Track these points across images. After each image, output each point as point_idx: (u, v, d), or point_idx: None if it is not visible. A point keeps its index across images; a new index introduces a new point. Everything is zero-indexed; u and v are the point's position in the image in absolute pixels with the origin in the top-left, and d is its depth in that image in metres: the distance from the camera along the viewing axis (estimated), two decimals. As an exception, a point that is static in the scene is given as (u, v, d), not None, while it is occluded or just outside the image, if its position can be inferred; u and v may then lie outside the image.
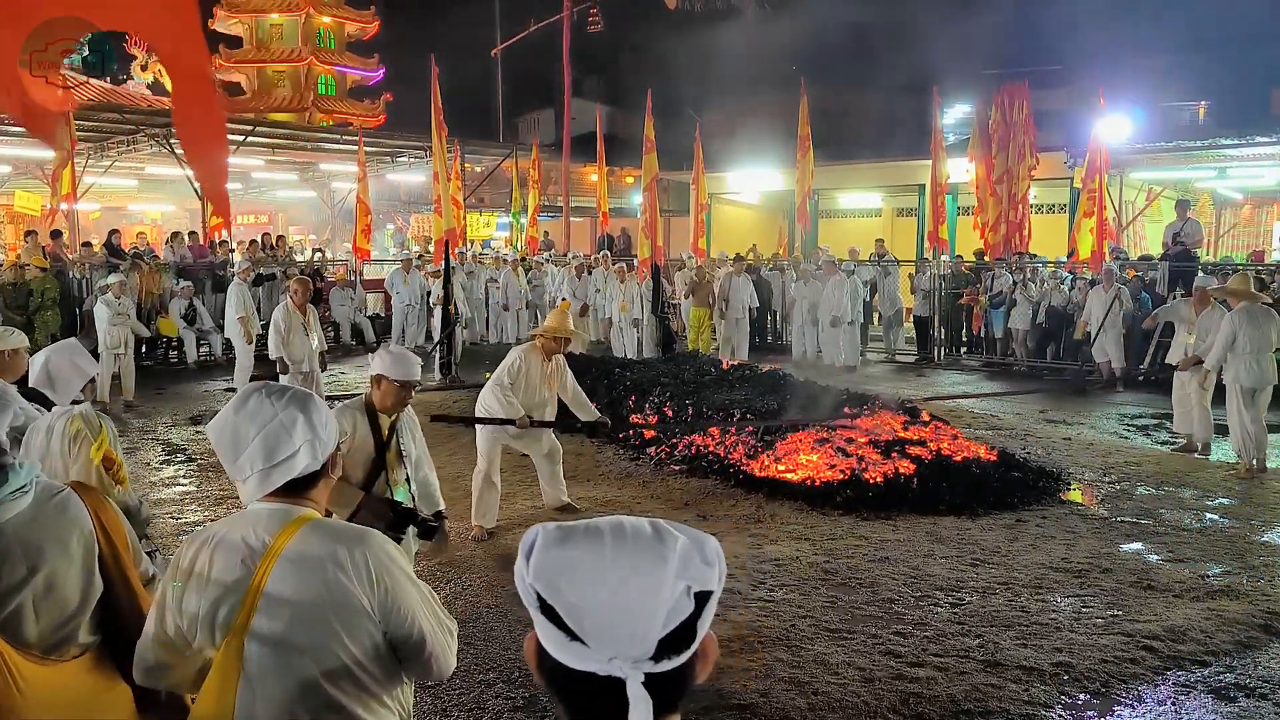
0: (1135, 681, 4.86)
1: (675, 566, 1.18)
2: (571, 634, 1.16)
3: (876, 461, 8.31)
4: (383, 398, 4.47)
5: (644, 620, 1.16)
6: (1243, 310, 9.05)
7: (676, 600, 1.17)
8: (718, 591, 1.21)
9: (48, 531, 2.51)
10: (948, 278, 17.38)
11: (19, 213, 24.65)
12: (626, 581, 1.17)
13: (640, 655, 1.16)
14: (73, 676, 2.52)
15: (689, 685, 1.23)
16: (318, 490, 2.32)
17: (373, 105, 38.17)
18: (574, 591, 1.17)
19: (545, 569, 1.19)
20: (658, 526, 1.23)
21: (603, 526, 1.23)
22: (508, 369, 7.17)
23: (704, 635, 1.22)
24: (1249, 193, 23.71)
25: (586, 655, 1.16)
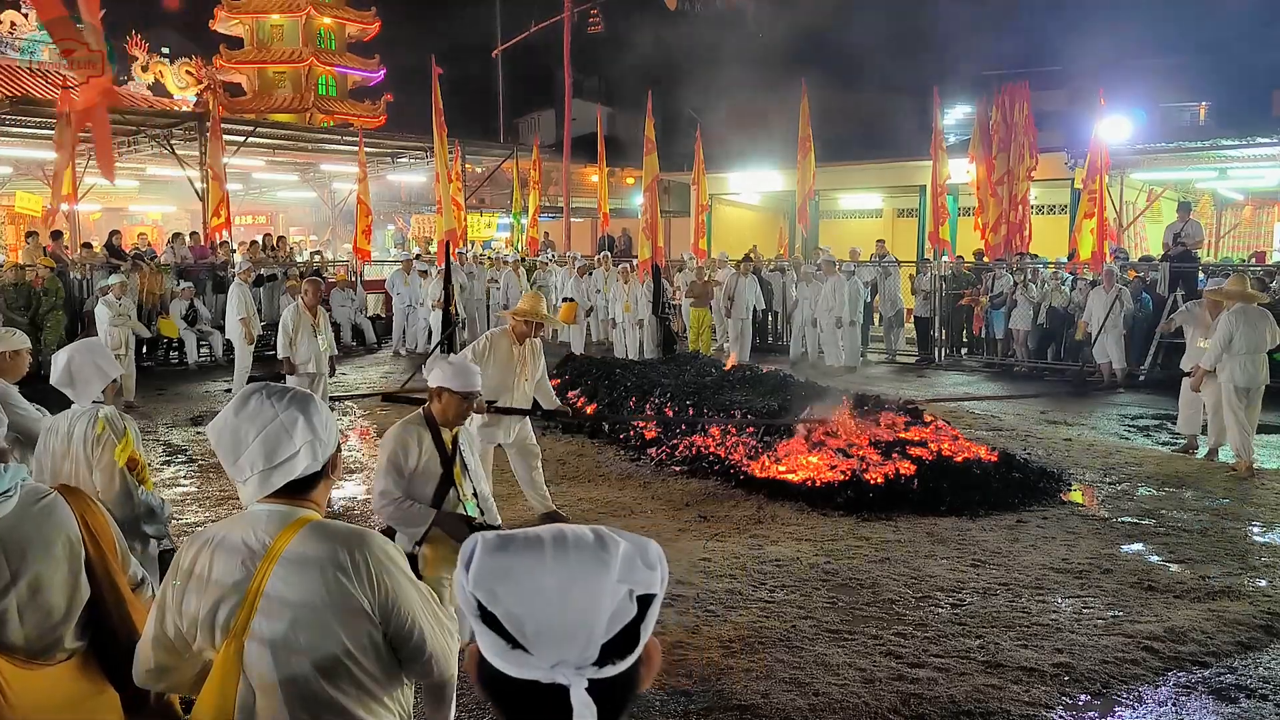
0: (1136, 682, 4.85)
1: (617, 570, 1.17)
2: (513, 641, 1.15)
3: (877, 462, 8.31)
4: (444, 410, 4.33)
5: (586, 624, 1.15)
6: (1239, 310, 9.10)
7: (619, 604, 1.16)
8: (660, 594, 1.21)
9: (32, 535, 2.49)
10: (948, 278, 17.38)
11: (20, 213, 24.66)
12: (567, 585, 1.16)
13: (583, 661, 1.15)
14: (59, 681, 2.50)
15: (633, 692, 1.21)
16: (318, 491, 2.32)
17: (373, 106, 38.15)
18: (514, 598, 1.16)
19: (485, 576, 1.18)
20: (599, 532, 1.22)
21: (543, 534, 1.22)
22: (472, 348, 7.10)
23: (647, 640, 1.21)
24: (1250, 193, 23.72)
25: (528, 663, 1.15)
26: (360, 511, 8.03)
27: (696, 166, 21.79)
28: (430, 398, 4.38)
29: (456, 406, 4.32)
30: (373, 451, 10.28)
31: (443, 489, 4.28)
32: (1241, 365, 9.06)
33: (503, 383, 7.10)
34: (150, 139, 20.99)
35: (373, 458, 9.97)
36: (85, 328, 15.11)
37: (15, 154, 22.36)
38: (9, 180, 24.37)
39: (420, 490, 4.25)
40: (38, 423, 4.93)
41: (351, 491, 8.68)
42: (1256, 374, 9.09)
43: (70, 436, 4.04)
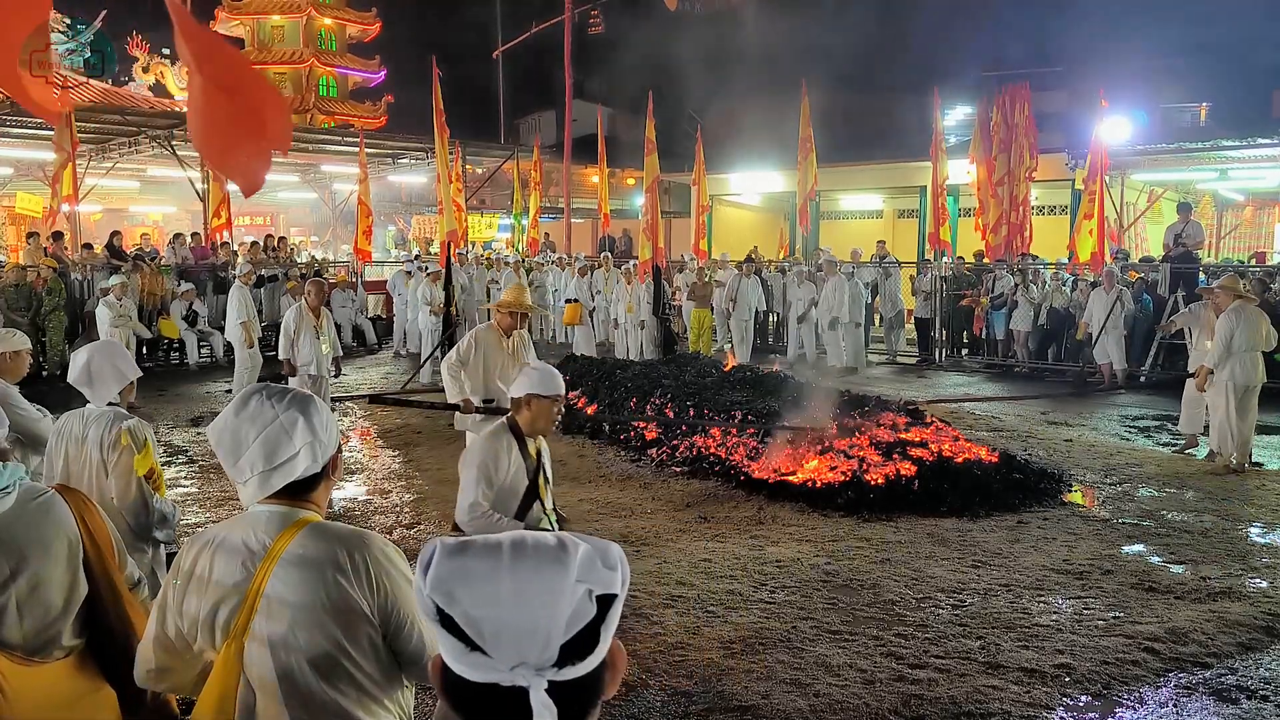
0: (1137, 683, 4.85)
1: (576, 571, 1.17)
2: (471, 644, 1.14)
3: (878, 463, 8.31)
4: (534, 419, 4.16)
5: (544, 625, 1.14)
6: (1237, 309, 9.15)
7: (578, 603, 1.15)
8: (622, 595, 1.20)
9: (31, 533, 2.51)
10: (949, 279, 17.38)
11: (20, 214, 24.68)
12: (525, 585, 1.15)
13: (543, 662, 1.14)
14: (57, 678, 2.51)
15: (597, 696, 1.21)
16: (318, 492, 2.32)
17: (374, 107, 38.17)
18: (471, 599, 1.15)
19: (442, 579, 1.17)
20: (561, 536, 1.22)
21: (502, 539, 1.21)
22: (457, 348, 7.12)
23: (610, 644, 1.20)
24: (1250, 194, 23.72)
25: (487, 666, 1.14)
26: (361, 513, 8.03)
27: (697, 167, 21.78)
28: (517, 407, 4.20)
29: (546, 413, 4.17)
30: (373, 453, 10.28)
31: (527, 503, 4.15)
32: (1241, 363, 9.11)
33: (492, 377, 7.11)
34: (151, 140, 20.99)
35: (373, 458, 9.98)
36: (86, 329, 15.12)
37: (16, 154, 22.37)
38: (10, 181, 24.39)
39: (505, 504, 4.13)
40: (38, 423, 4.94)
41: (352, 493, 8.69)
42: (1254, 372, 9.14)
43: (84, 440, 4.04)
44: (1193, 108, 25.18)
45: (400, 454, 10.11)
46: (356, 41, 39.43)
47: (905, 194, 26.02)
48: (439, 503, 8.22)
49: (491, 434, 4.20)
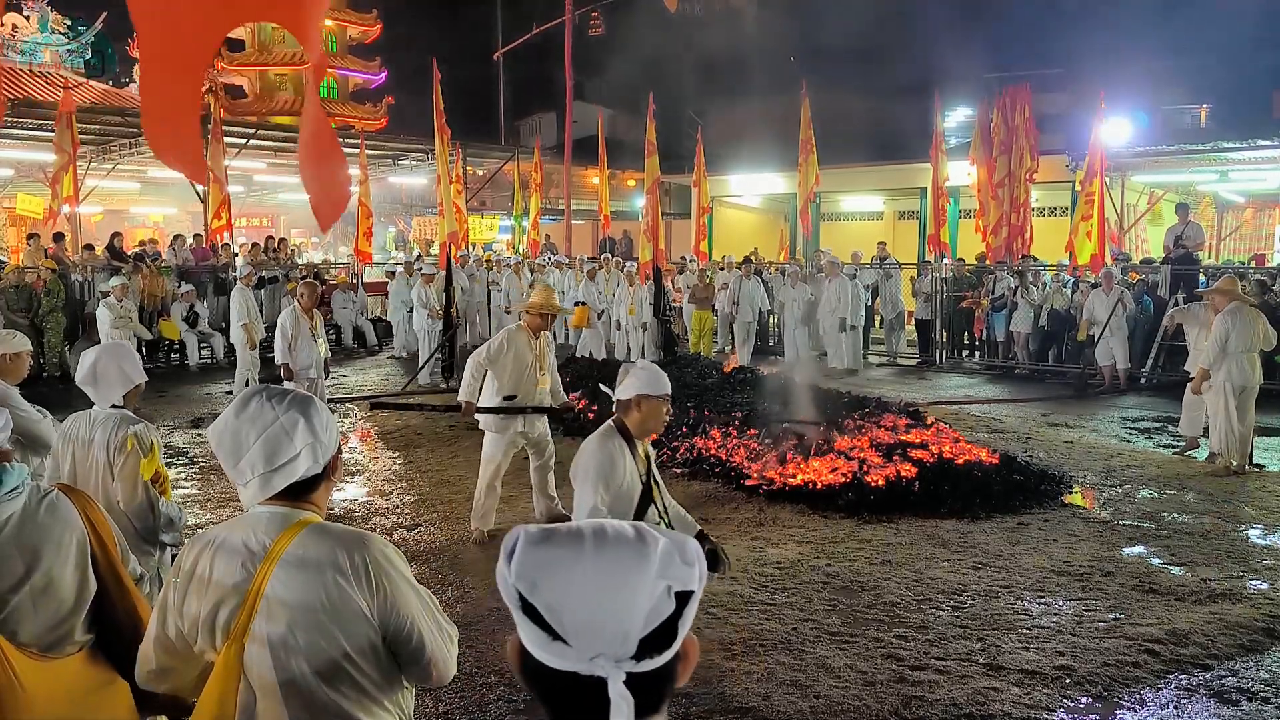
0: (1137, 685, 4.85)
1: (656, 566, 1.18)
2: (553, 633, 1.16)
3: (878, 465, 8.31)
4: (644, 420, 4.04)
5: (625, 619, 1.16)
6: (1233, 310, 9.17)
7: (657, 600, 1.17)
8: (699, 591, 1.21)
9: (41, 532, 2.54)
10: (949, 281, 17.37)
11: (21, 215, 24.68)
12: (606, 580, 1.17)
13: (622, 654, 1.16)
14: (72, 672, 2.56)
15: (671, 686, 1.23)
16: (319, 494, 2.32)
17: (375, 108, 38.16)
18: (554, 590, 1.17)
19: (526, 568, 1.19)
20: (639, 528, 1.23)
21: (584, 528, 1.23)
22: (488, 346, 7.18)
23: (685, 636, 1.22)
24: (1251, 195, 23.71)
25: (568, 655, 1.16)
26: (361, 514, 8.03)
27: (697, 169, 21.80)
28: (624, 409, 4.06)
29: (657, 413, 4.07)
30: (373, 454, 10.28)
31: (643, 507, 4.03)
32: (1238, 365, 9.14)
33: (521, 377, 7.17)
34: (152, 141, 20.95)
35: (373, 460, 9.98)
36: (86, 330, 15.12)
37: (16, 156, 22.38)
38: (10, 182, 24.39)
39: (621, 509, 3.99)
40: (38, 424, 4.93)
41: (352, 494, 8.68)
42: (1250, 373, 9.17)
43: (90, 443, 4.06)
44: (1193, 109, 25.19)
45: (400, 456, 10.11)
46: (357, 43, 39.42)
47: (906, 195, 26.03)
48: (439, 504, 8.23)
49: (602, 437, 4.04)
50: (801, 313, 16.78)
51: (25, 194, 24.25)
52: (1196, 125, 24.39)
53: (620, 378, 4.09)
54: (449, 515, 7.89)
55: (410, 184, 31.05)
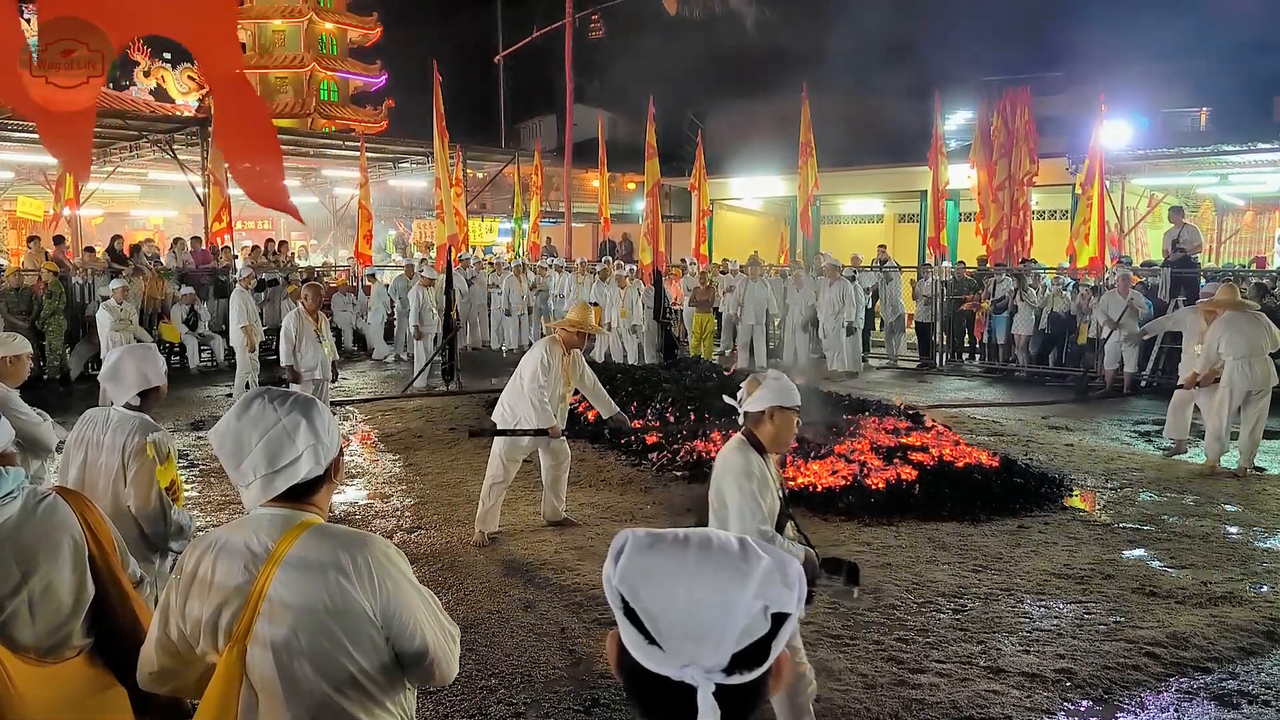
0: (1138, 688, 4.85)
1: (755, 586, 1.21)
2: (650, 638, 1.20)
3: (879, 468, 8.31)
4: (778, 432, 3.88)
5: (719, 633, 1.19)
6: (1227, 319, 9.21)
7: (753, 619, 1.20)
8: (796, 614, 1.24)
9: (39, 536, 2.53)
10: (950, 284, 17.37)
11: (21, 218, 24.67)
12: (705, 593, 1.20)
13: (713, 666, 1.19)
14: (70, 678, 2.55)
15: (760, 700, 1.25)
16: (321, 495, 2.32)
17: (375, 111, 38.19)
18: (654, 597, 1.20)
19: (630, 573, 1.23)
20: (745, 544, 1.26)
21: (691, 537, 1.26)
22: (540, 367, 7.08)
23: (778, 654, 1.24)
24: (1251, 199, 23.70)
25: (662, 660, 1.19)
26: (361, 517, 8.03)
27: (697, 171, 21.80)
28: (757, 421, 3.88)
29: (790, 426, 3.92)
30: (373, 457, 10.27)
31: (781, 524, 3.89)
32: (1241, 370, 9.13)
33: (557, 393, 7.23)
34: (152, 144, 21.01)
35: (373, 463, 9.97)
36: (87, 333, 15.13)
37: (17, 159, 22.38)
38: (11, 185, 24.39)
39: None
40: (38, 427, 4.94)
41: (353, 496, 8.68)
42: (1256, 377, 9.14)
43: (103, 445, 4.05)
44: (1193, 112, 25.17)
45: (401, 458, 10.11)
46: (358, 46, 39.45)
47: (906, 198, 26.03)
48: (440, 507, 8.22)
49: (739, 451, 3.87)
50: (803, 316, 16.79)
51: (26, 197, 24.24)
52: (1197, 128, 24.37)
53: (748, 389, 3.92)
54: (449, 518, 7.88)
55: (410, 187, 31.03)
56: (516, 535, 7.43)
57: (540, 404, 7.05)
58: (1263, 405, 9.22)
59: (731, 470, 3.82)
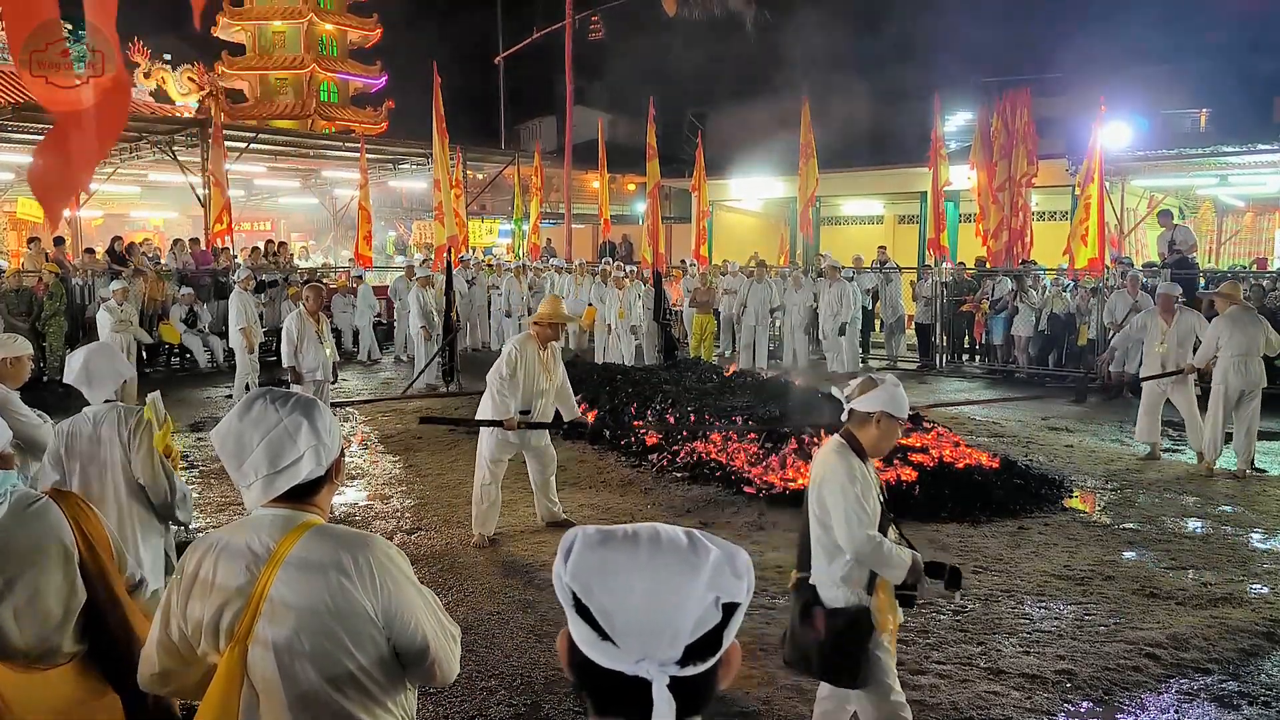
0: (1138, 689, 4.85)
1: (706, 577, 1.22)
2: (602, 634, 1.20)
3: (878, 469, 8.29)
4: (881, 439, 3.78)
5: (673, 626, 1.20)
6: (1230, 314, 9.25)
7: (705, 610, 1.21)
8: (745, 603, 1.25)
9: (25, 540, 2.50)
10: (950, 285, 17.37)
11: (21, 219, 24.68)
12: (658, 588, 1.21)
13: (667, 659, 1.20)
14: (59, 685, 2.51)
15: (713, 691, 1.27)
16: (322, 496, 2.33)
17: (375, 112, 38.22)
18: (607, 594, 1.21)
19: (582, 570, 1.23)
20: (693, 536, 1.27)
21: (641, 532, 1.27)
22: (506, 359, 7.11)
23: (729, 644, 1.26)
24: (1251, 200, 23.71)
25: (615, 655, 1.20)
26: (361, 518, 8.03)
27: (697, 173, 21.81)
28: (862, 423, 3.76)
29: (893, 435, 3.83)
30: (373, 458, 10.27)
31: (883, 528, 3.76)
32: (1235, 368, 9.19)
33: (532, 388, 7.15)
34: (152, 145, 21.01)
35: (373, 464, 9.97)
36: (87, 334, 15.13)
37: (17, 160, 22.37)
38: (11, 186, 24.39)
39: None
40: (38, 429, 4.94)
41: (353, 498, 8.68)
42: (1250, 377, 9.21)
43: (99, 440, 4.12)
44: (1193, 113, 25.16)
45: (401, 459, 10.11)
46: (358, 47, 39.48)
47: (906, 199, 26.03)
48: (440, 508, 8.22)
49: (840, 455, 3.74)
50: (802, 317, 16.79)
51: (26, 198, 24.25)
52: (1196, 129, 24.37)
53: (862, 387, 3.77)
54: (449, 519, 7.88)
55: (411, 188, 31.05)
56: (516, 537, 7.43)
57: (499, 395, 7.01)
58: (1254, 406, 9.27)
59: (834, 475, 3.70)
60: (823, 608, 3.68)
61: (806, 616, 3.72)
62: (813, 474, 3.85)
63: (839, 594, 3.67)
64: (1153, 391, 10.08)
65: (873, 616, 3.67)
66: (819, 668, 3.73)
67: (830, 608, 3.67)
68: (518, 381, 7.08)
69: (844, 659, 3.64)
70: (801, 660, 3.79)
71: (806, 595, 3.74)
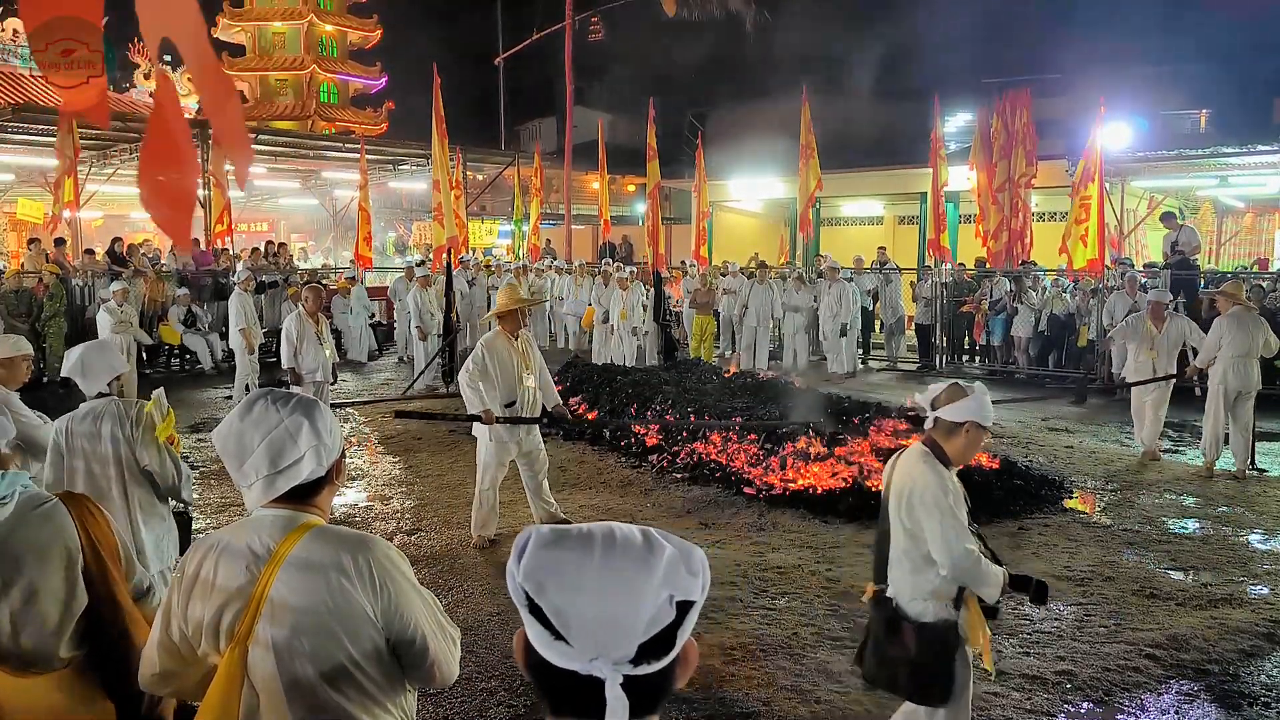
0: (1138, 690, 4.85)
1: (660, 575, 1.21)
2: (556, 633, 1.20)
3: (879, 470, 8.30)
4: (967, 448, 3.65)
5: (626, 625, 1.19)
6: (1233, 314, 9.25)
7: (659, 608, 1.20)
8: (700, 601, 1.24)
9: (27, 542, 2.49)
10: (949, 285, 17.37)
11: (21, 220, 24.67)
12: (611, 586, 1.20)
13: (620, 658, 1.19)
14: (52, 690, 2.48)
15: (668, 689, 1.26)
16: (323, 496, 2.33)
17: (375, 113, 38.24)
18: (560, 593, 1.20)
19: (534, 569, 1.23)
20: (648, 535, 1.26)
21: (595, 531, 1.26)
22: (474, 358, 7.07)
23: (684, 642, 1.25)
24: (1251, 200, 23.71)
25: (569, 654, 1.20)
26: (361, 519, 8.03)
27: (698, 173, 21.81)
28: (949, 431, 3.63)
29: (978, 444, 3.70)
30: (373, 459, 10.27)
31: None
32: (1234, 369, 9.21)
33: (510, 383, 7.11)
34: (152, 146, 20.95)
35: (373, 464, 9.97)
36: (87, 334, 15.13)
37: (18, 161, 22.39)
38: (11, 187, 24.40)
39: None
40: (38, 429, 4.94)
41: (353, 499, 8.68)
42: (1248, 378, 9.24)
43: (97, 434, 4.23)
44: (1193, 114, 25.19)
45: (401, 460, 10.11)
46: (358, 48, 39.51)
47: (906, 200, 26.04)
48: (440, 509, 8.22)
49: (928, 466, 3.60)
50: (803, 318, 16.78)
51: (26, 199, 24.25)
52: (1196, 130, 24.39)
53: (949, 395, 3.65)
54: (449, 520, 7.88)
55: (411, 189, 31.04)
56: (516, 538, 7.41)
57: (470, 389, 6.98)
58: (1248, 406, 9.30)
59: (927, 487, 3.55)
60: (910, 623, 3.57)
61: (894, 633, 3.61)
62: (896, 483, 3.70)
63: (927, 608, 3.57)
64: (1139, 396, 10.13)
65: (961, 631, 3.59)
66: (907, 686, 3.64)
67: (919, 622, 3.56)
68: (494, 379, 7.04)
69: (934, 677, 3.55)
70: (887, 678, 3.69)
71: (888, 610, 3.64)
